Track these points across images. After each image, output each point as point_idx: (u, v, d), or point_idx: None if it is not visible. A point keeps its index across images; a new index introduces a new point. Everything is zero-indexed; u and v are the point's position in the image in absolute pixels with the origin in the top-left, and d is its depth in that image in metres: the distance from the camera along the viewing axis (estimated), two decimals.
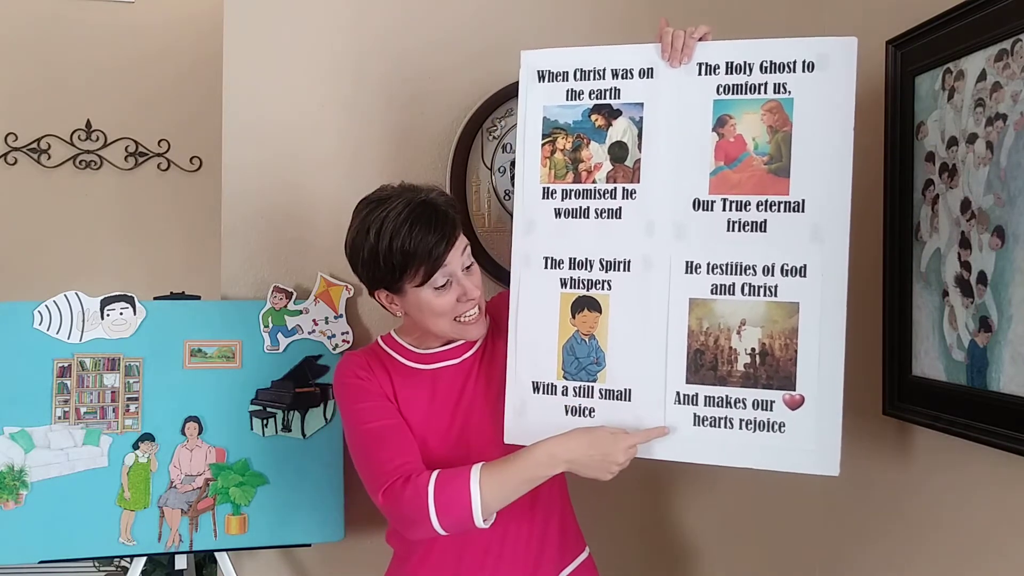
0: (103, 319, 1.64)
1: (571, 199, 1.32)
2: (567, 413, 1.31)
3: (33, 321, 1.61)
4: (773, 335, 1.23)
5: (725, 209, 1.26)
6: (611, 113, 1.31)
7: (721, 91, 1.27)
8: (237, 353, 1.69)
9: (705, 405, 1.25)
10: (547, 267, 1.33)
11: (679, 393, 1.26)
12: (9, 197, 2.86)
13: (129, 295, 1.65)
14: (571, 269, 1.31)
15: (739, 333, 1.24)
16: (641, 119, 1.30)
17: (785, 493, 1.83)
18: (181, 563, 1.68)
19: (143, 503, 1.63)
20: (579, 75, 1.33)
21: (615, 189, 1.30)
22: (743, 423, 1.24)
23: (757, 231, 1.24)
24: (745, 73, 1.26)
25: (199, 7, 2.89)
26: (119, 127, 2.91)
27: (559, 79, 1.34)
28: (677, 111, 1.28)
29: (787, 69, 1.24)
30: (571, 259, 1.31)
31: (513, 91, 1.55)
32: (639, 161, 1.29)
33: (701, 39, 1.28)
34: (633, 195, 1.29)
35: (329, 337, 1.72)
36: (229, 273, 1.77)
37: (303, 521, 1.68)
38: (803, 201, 1.23)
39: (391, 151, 1.79)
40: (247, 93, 1.76)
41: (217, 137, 1.75)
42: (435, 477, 1.20)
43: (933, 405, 1.38)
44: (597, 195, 1.31)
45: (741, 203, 1.25)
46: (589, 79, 1.33)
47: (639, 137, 1.30)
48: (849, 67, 1.22)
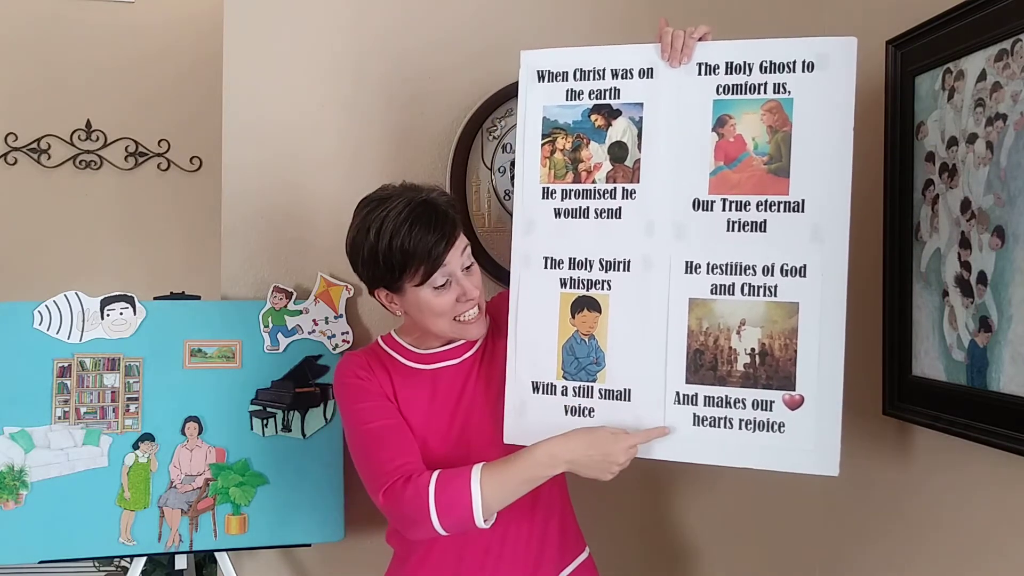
0: (103, 319, 1.64)
1: (571, 199, 1.32)
2: (567, 413, 1.31)
3: (33, 321, 1.61)
4: (773, 335, 1.23)
5: (725, 209, 1.26)
6: (611, 113, 1.31)
7: (721, 91, 1.27)
8: (237, 353, 1.69)
9: (705, 405, 1.25)
10: (547, 267, 1.33)
11: (679, 393, 1.26)
12: (9, 197, 2.86)
13: (129, 295, 1.65)
14: (571, 269, 1.31)
15: (739, 333, 1.24)
16: (641, 119, 1.30)
17: (785, 493, 1.83)
18: (181, 563, 1.68)
19: (143, 503, 1.63)
20: (579, 75, 1.33)
21: (615, 189, 1.30)
22: (743, 423, 1.24)
23: (757, 231, 1.24)
24: (745, 73, 1.26)
25: (199, 7, 2.89)
26: (119, 127, 2.91)
27: (559, 79, 1.34)
28: (677, 111, 1.28)
29: (787, 69, 1.24)
30: (571, 259, 1.31)
31: (513, 91, 1.55)
32: (639, 161, 1.29)
33: (701, 39, 1.28)
34: (633, 195, 1.29)
35: (329, 337, 1.72)
36: (229, 273, 1.77)
37: (303, 521, 1.68)
38: (803, 201, 1.23)
39: (391, 151, 1.79)
40: (247, 93, 1.76)
41: (217, 137, 1.75)
42: (436, 477, 1.20)
43: (933, 405, 1.38)
44: (597, 195, 1.31)
45: (741, 203, 1.25)
46: (589, 79, 1.32)
47: (639, 137, 1.30)
48: (849, 67, 1.22)
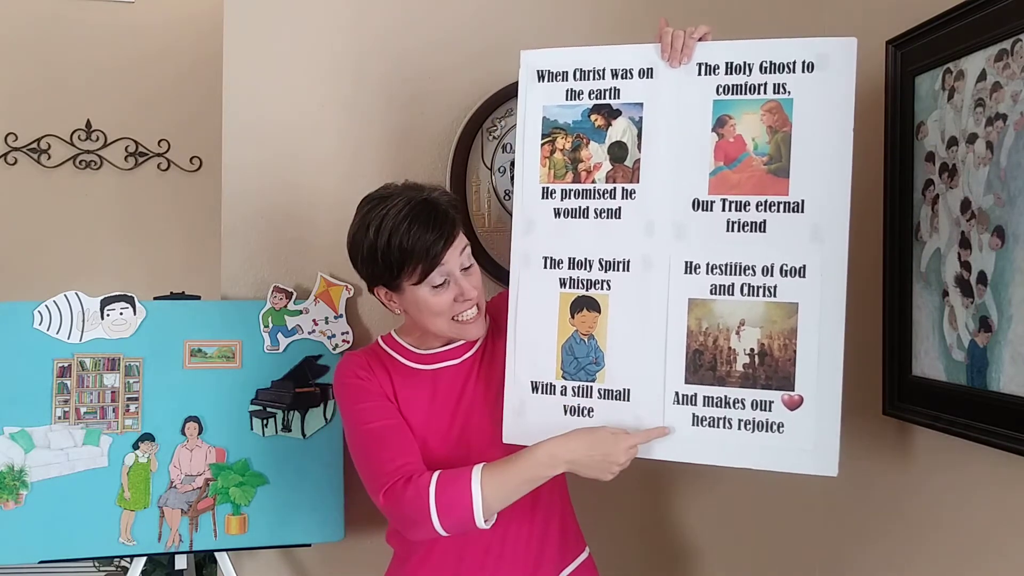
0: (103, 319, 1.64)
1: (570, 199, 1.32)
2: (566, 413, 1.31)
3: (33, 321, 1.61)
4: (772, 335, 1.23)
5: (724, 209, 1.25)
6: (611, 113, 1.31)
7: (721, 91, 1.27)
8: (237, 353, 1.69)
9: (704, 405, 1.25)
10: (546, 267, 1.33)
11: (678, 393, 1.26)
12: (9, 197, 2.86)
13: (129, 295, 1.65)
14: (570, 269, 1.31)
15: (738, 333, 1.24)
16: (641, 119, 1.30)
17: (785, 493, 1.83)
18: (181, 563, 1.68)
19: (143, 503, 1.63)
20: (579, 75, 1.33)
21: (614, 189, 1.30)
22: (742, 423, 1.24)
23: (756, 231, 1.24)
24: (745, 73, 1.26)
25: (199, 7, 2.89)
26: (119, 127, 2.91)
27: (559, 79, 1.34)
28: (677, 111, 1.28)
29: (787, 69, 1.24)
30: (570, 259, 1.31)
31: (513, 91, 1.55)
32: (639, 161, 1.29)
33: (701, 39, 1.27)
34: (632, 195, 1.29)
35: (329, 337, 1.72)
36: (229, 273, 1.77)
37: (303, 521, 1.68)
38: (802, 201, 1.23)
39: (391, 151, 1.79)
40: (247, 93, 1.76)
41: (217, 137, 1.75)
42: (436, 478, 1.20)
43: (933, 405, 1.38)
44: (596, 195, 1.31)
45: (740, 203, 1.25)
46: (589, 79, 1.32)
47: (639, 137, 1.29)
48: (849, 67, 1.22)
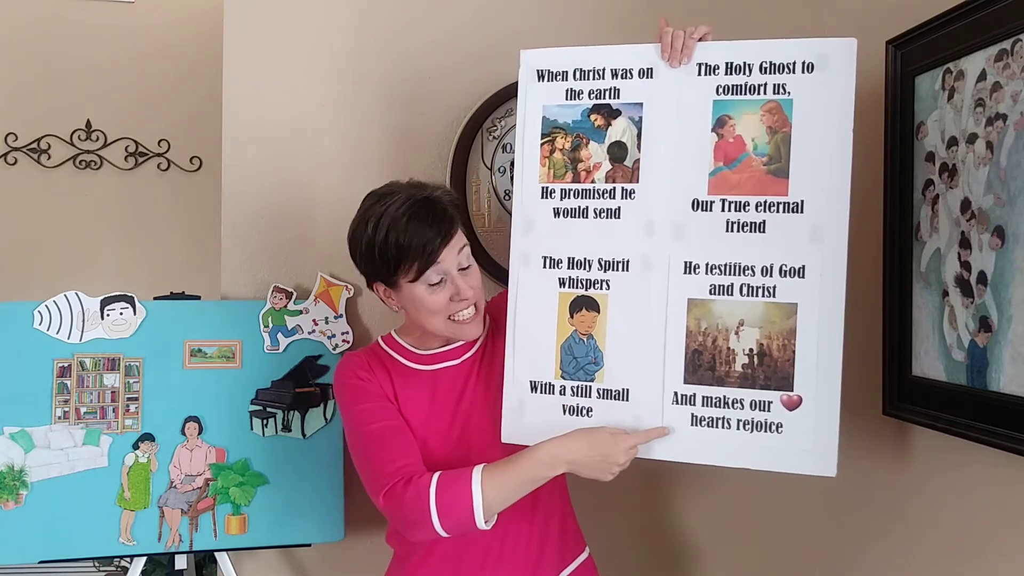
0: (103, 319, 1.64)
1: (570, 199, 1.32)
2: (565, 413, 1.31)
3: (33, 321, 1.61)
4: (771, 336, 1.23)
5: (724, 209, 1.25)
6: (610, 113, 1.31)
7: (720, 91, 1.27)
8: (237, 353, 1.69)
9: (703, 405, 1.25)
10: (546, 266, 1.33)
11: (677, 393, 1.26)
12: (9, 197, 2.86)
13: (129, 295, 1.65)
14: (570, 269, 1.31)
15: (737, 333, 1.24)
16: (640, 119, 1.30)
17: (785, 493, 1.83)
18: (181, 563, 1.68)
19: (143, 503, 1.63)
20: (578, 75, 1.33)
21: (614, 189, 1.30)
22: (740, 423, 1.24)
23: (756, 232, 1.24)
24: (745, 74, 1.26)
25: (199, 7, 2.89)
26: (119, 127, 2.91)
27: (558, 79, 1.34)
28: (676, 111, 1.28)
29: (787, 70, 1.24)
30: (570, 259, 1.31)
31: (513, 91, 1.55)
32: (638, 161, 1.29)
33: (701, 39, 1.27)
34: (632, 195, 1.29)
35: (329, 337, 1.72)
36: (229, 273, 1.77)
37: (303, 521, 1.68)
38: (802, 202, 1.23)
39: (391, 151, 1.79)
40: (247, 93, 1.75)
41: (217, 137, 1.75)
42: (436, 479, 1.20)
43: (933, 405, 1.38)
44: (596, 195, 1.31)
45: (740, 204, 1.25)
46: (588, 79, 1.32)
47: (638, 137, 1.29)
48: (849, 68, 1.22)
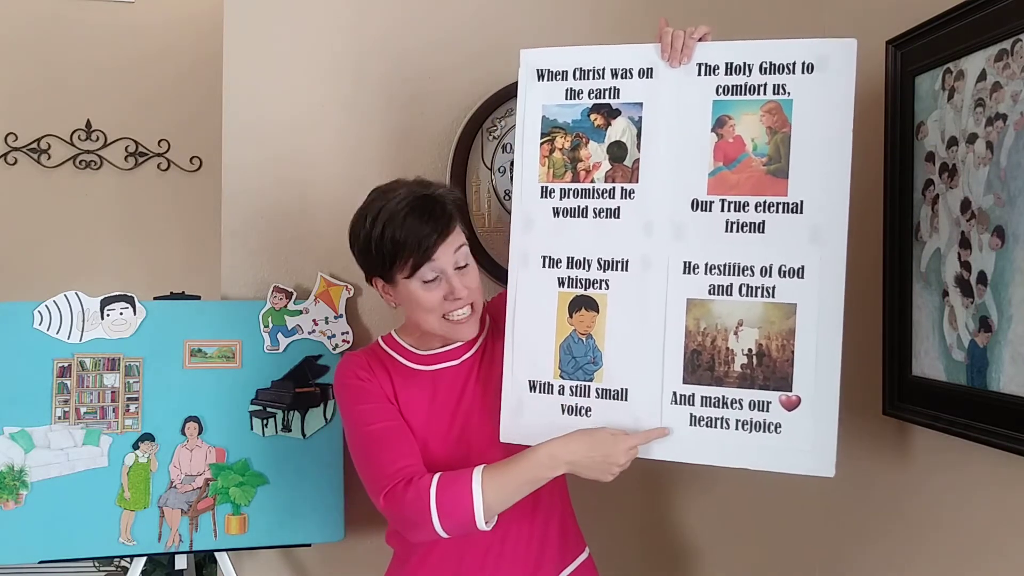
0: (103, 319, 1.64)
1: (569, 198, 1.32)
2: (564, 412, 1.31)
3: (33, 321, 1.61)
4: (770, 336, 1.23)
5: (724, 210, 1.25)
6: (610, 113, 1.31)
7: (720, 92, 1.27)
8: (237, 353, 1.69)
9: (702, 405, 1.25)
10: (545, 266, 1.33)
11: (676, 393, 1.26)
12: (9, 197, 2.86)
13: (129, 295, 1.65)
14: (569, 268, 1.31)
15: (736, 334, 1.24)
16: (640, 119, 1.30)
17: (785, 493, 1.83)
18: (181, 563, 1.68)
19: (143, 503, 1.63)
20: (578, 74, 1.33)
21: (613, 189, 1.30)
22: (739, 424, 1.24)
23: (755, 232, 1.24)
24: (744, 74, 1.26)
25: (199, 7, 2.89)
26: (119, 127, 2.91)
27: (558, 78, 1.34)
28: (676, 111, 1.28)
29: (786, 70, 1.24)
30: (569, 258, 1.31)
31: (513, 91, 1.54)
32: (638, 161, 1.29)
33: (701, 39, 1.27)
34: (632, 195, 1.29)
35: (329, 337, 1.72)
36: (229, 273, 1.77)
37: (303, 521, 1.68)
38: (801, 202, 1.23)
39: (391, 151, 1.79)
40: (247, 93, 1.75)
41: (217, 137, 1.75)
42: (437, 480, 1.20)
43: (933, 405, 1.38)
44: (595, 194, 1.31)
45: (739, 204, 1.25)
46: (588, 78, 1.32)
47: (638, 137, 1.29)
48: (848, 69, 1.22)
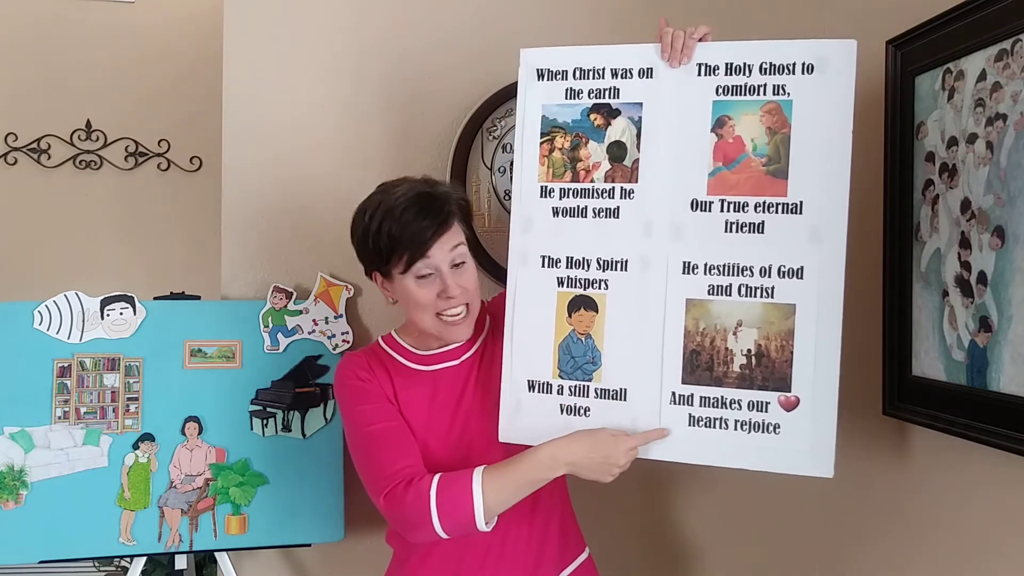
0: (103, 319, 1.64)
1: (569, 198, 1.32)
2: (562, 412, 1.31)
3: (33, 321, 1.61)
4: (769, 336, 1.23)
5: (723, 210, 1.25)
6: (610, 112, 1.31)
7: (720, 92, 1.27)
8: (237, 353, 1.69)
9: (700, 406, 1.25)
10: (544, 266, 1.32)
11: (675, 393, 1.26)
12: (9, 197, 2.86)
13: (129, 295, 1.65)
14: (568, 268, 1.31)
15: (735, 334, 1.24)
16: (640, 119, 1.30)
17: (785, 493, 1.82)
18: (181, 563, 1.68)
19: (143, 503, 1.63)
20: (578, 74, 1.33)
21: (613, 189, 1.30)
22: (738, 424, 1.24)
23: (755, 232, 1.24)
24: (744, 74, 1.26)
25: (199, 7, 2.89)
26: (119, 127, 2.91)
27: (558, 78, 1.34)
28: (676, 111, 1.28)
29: (786, 71, 1.24)
30: (568, 258, 1.31)
31: (513, 91, 1.54)
32: (637, 161, 1.29)
33: (701, 40, 1.27)
34: (631, 195, 1.29)
35: (329, 337, 1.72)
36: (229, 273, 1.77)
37: (303, 521, 1.68)
38: (801, 203, 1.23)
39: (391, 151, 1.79)
40: (247, 93, 1.75)
41: (217, 137, 1.75)
42: (437, 481, 1.20)
43: (933, 405, 1.38)
44: (595, 194, 1.31)
45: (739, 204, 1.25)
46: (588, 78, 1.32)
47: (638, 137, 1.29)
48: (848, 70, 1.22)
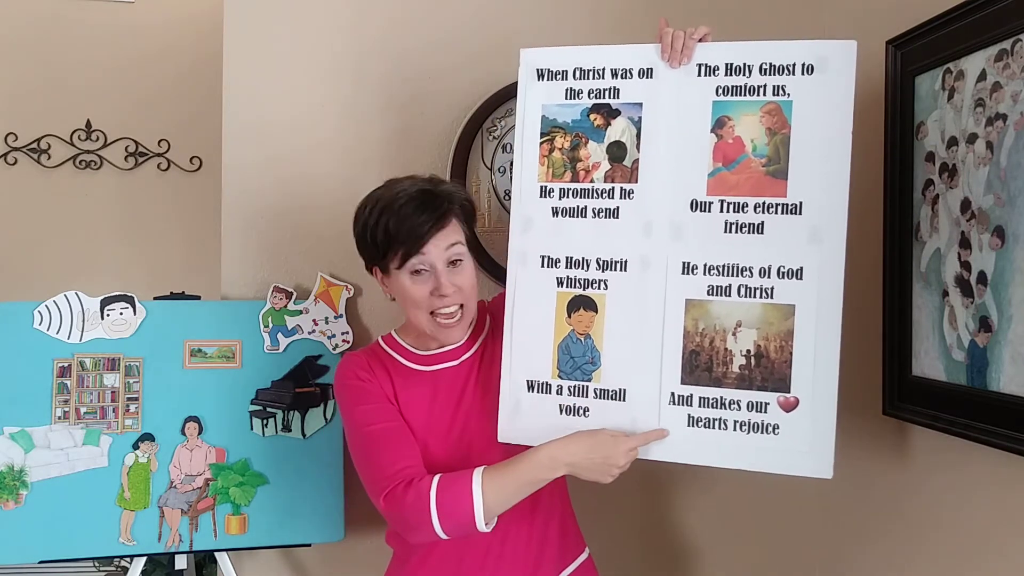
0: (103, 319, 1.64)
1: (568, 198, 1.32)
2: (561, 412, 1.31)
3: (33, 321, 1.61)
4: (768, 337, 1.23)
5: (723, 210, 1.25)
6: (610, 113, 1.31)
7: (720, 92, 1.27)
8: (237, 353, 1.69)
9: (700, 406, 1.25)
10: (543, 266, 1.33)
11: (674, 394, 1.26)
12: (9, 197, 2.86)
13: (129, 295, 1.65)
14: (568, 268, 1.31)
15: (735, 335, 1.24)
16: (640, 119, 1.30)
17: (785, 493, 1.82)
18: (181, 563, 1.68)
19: (143, 503, 1.63)
20: (578, 74, 1.33)
21: (613, 189, 1.30)
22: (737, 425, 1.24)
23: (754, 233, 1.24)
24: (744, 75, 1.26)
25: (199, 7, 2.89)
26: (119, 127, 2.91)
27: (558, 78, 1.34)
28: (676, 112, 1.28)
29: (786, 71, 1.24)
30: (568, 258, 1.31)
31: (513, 91, 1.54)
32: (637, 161, 1.29)
33: (701, 40, 1.27)
34: (631, 195, 1.29)
35: (329, 337, 1.72)
36: (229, 273, 1.77)
37: (303, 521, 1.68)
38: (800, 204, 1.23)
39: (391, 151, 1.79)
40: (247, 93, 1.75)
41: (217, 137, 1.75)
42: (437, 482, 1.20)
43: (933, 405, 1.38)
44: (595, 194, 1.31)
45: (739, 205, 1.25)
46: (588, 78, 1.32)
47: (637, 137, 1.29)
48: (848, 70, 1.22)
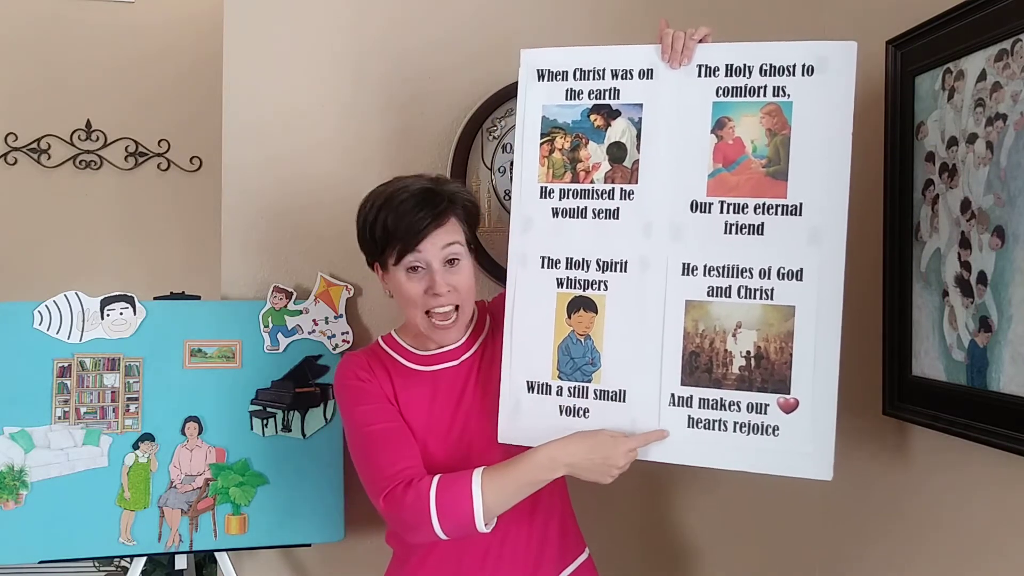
0: (103, 319, 1.64)
1: (569, 199, 1.32)
2: (561, 413, 1.31)
3: (33, 321, 1.61)
4: (768, 338, 1.23)
5: (723, 211, 1.25)
6: (610, 113, 1.31)
7: (720, 93, 1.27)
8: (237, 353, 1.69)
9: (699, 407, 1.25)
10: (543, 266, 1.33)
11: (674, 395, 1.26)
12: (9, 197, 2.86)
13: (129, 295, 1.66)
14: (568, 269, 1.31)
15: (735, 336, 1.24)
16: (640, 120, 1.30)
17: (785, 493, 1.82)
18: (181, 563, 1.68)
19: (143, 503, 1.63)
20: (579, 75, 1.33)
21: (613, 189, 1.30)
22: (737, 426, 1.24)
23: (754, 234, 1.24)
24: (745, 76, 1.26)
25: (199, 7, 2.89)
26: (119, 127, 2.91)
27: (559, 78, 1.34)
28: (676, 112, 1.28)
29: (787, 72, 1.24)
30: (568, 259, 1.31)
31: (513, 91, 1.54)
32: (637, 162, 1.29)
33: (701, 41, 1.27)
34: (631, 196, 1.29)
35: (329, 337, 1.72)
36: (229, 273, 1.77)
37: (303, 521, 1.68)
38: (800, 205, 1.23)
39: (391, 151, 1.79)
40: (247, 93, 1.75)
41: (217, 137, 1.75)
42: (436, 482, 1.20)
43: (933, 405, 1.38)
44: (595, 195, 1.31)
45: (739, 206, 1.25)
46: (589, 79, 1.32)
47: (638, 138, 1.29)
48: (849, 71, 1.22)
